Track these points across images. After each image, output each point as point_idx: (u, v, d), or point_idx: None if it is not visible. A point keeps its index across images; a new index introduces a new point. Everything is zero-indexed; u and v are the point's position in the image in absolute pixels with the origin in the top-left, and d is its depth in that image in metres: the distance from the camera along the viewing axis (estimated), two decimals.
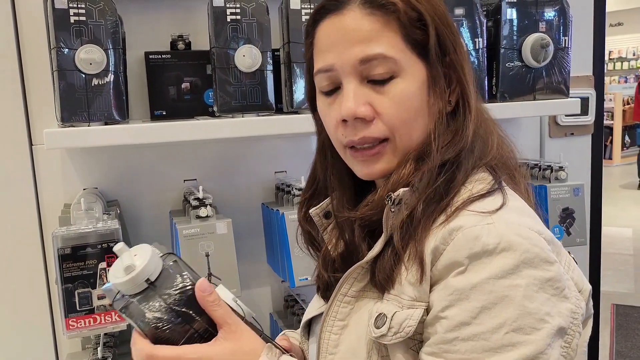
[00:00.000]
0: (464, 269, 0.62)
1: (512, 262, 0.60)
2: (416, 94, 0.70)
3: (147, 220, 1.33)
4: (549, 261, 0.62)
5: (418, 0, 0.70)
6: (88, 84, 1.06)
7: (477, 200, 0.67)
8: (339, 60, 0.70)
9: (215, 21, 1.13)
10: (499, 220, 0.63)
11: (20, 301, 1.24)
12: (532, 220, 0.66)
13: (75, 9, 1.04)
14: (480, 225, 0.63)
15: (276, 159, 1.42)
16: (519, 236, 0.61)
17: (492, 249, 0.61)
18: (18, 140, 1.21)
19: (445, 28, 0.71)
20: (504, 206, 0.66)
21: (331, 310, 0.72)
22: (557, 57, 1.37)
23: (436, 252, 0.64)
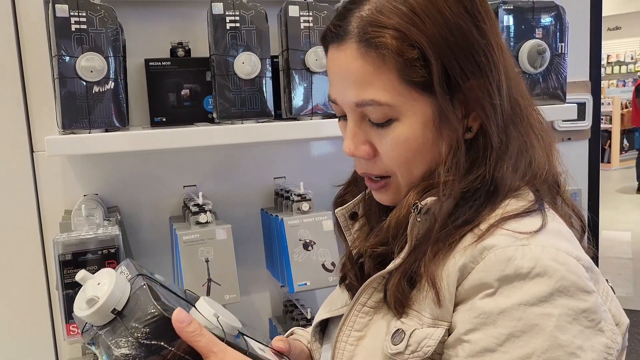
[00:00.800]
0: (493, 291, 0.58)
1: (546, 289, 0.56)
2: (417, 135, 0.65)
3: (147, 226, 1.34)
4: (586, 290, 0.58)
5: (421, 30, 0.62)
6: (89, 92, 1.07)
7: (513, 218, 0.62)
8: (339, 97, 0.69)
9: (215, 28, 1.15)
10: (536, 242, 0.59)
11: (21, 307, 1.25)
12: (571, 245, 0.62)
13: (76, 17, 1.05)
14: (514, 246, 0.59)
15: (275, 165, 1.43)
16: (555, 261, 0.57)
17: (526, 273, 0.57)
18: (19, 147, 1.21)
19: (459, 51, 0.63)
20: (543, 228, 0.61)
21: (348, 319, 0.69)
22: (554, 63, 1.38)
23: (464, 271, 0.60)
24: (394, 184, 0.70)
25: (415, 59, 0.62)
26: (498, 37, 0.67)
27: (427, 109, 0.65)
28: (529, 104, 0.71)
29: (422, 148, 0.66)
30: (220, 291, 1.15)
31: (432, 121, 0.65)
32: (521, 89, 0.70)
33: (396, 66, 0.62)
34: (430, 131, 0.65)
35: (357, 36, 0.64)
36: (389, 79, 0.63)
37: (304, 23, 1.20)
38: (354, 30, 0.64)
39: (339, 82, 0.68)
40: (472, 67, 0.64)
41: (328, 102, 0.74)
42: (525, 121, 0.69)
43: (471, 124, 0.67)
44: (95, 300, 0.60)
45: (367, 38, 0.63)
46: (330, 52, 0.68)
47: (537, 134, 0.71)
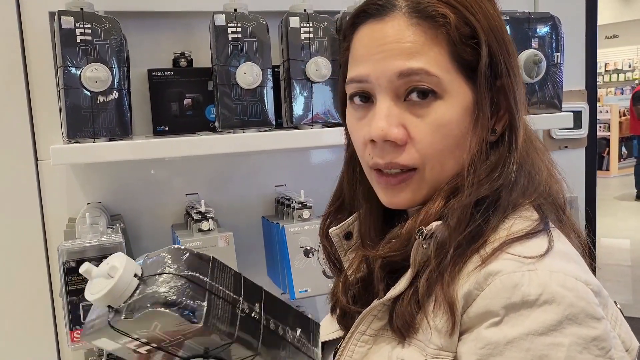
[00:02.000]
0: (499, 320, 0.55)
1: (555, 318, 0.53)
2: (458, 120, 0.62)
3: (150, 234, 1.36)
4: (595, 317, 0.55)
5: (472, 13, 0.61)
6: (93, 102, 1.09)
7: (518, 241, 0.59)
8: (375, 71, 0.63)
9: (217, 39, 1.17)
10: (543, 267, 0.56)
11: (25, 314, 1.26)
12: (578, 268, 0.59)
13: (81, 29, 1.07)
14: (520, 272, 0.56)
15: (276, 173, 1.44)
16: (563, 288, 0.55)
17: (533, 300, 0.54)
18: (24, 156, 1.23)
19: (501, 47, 0.63)
20: (549, 251, 0.58)
21: (347, 349, 0.66)
22: (550, 72, 1.40)
23: (468, 298, 0.57)
24: (417, 180, 0.64)
25: (469, 37, 0.61)
26: (513, 46, 0.67)
27: (468, 96, 0.63)
28: (529, 121, 0.69)
29: (459, 138, 0.63)
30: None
31: (471, 110, 0.63)
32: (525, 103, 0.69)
33: (449, 40, 0.61)
34: (468, 121, 0.62)
35: (408, 7, 0.62)
36: (440, 52, 0.61)
37: (304, 34, 1.22)
38: (404, 3, 0.62)
39: (379, 54, 0.62)
40: (505, 66, 0.63)
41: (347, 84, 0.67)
42: (530, 136, 0.68)
43: (495, 125, 0.65)
44: (115, 267, 0.57)
45: (421, 8, 0.61)
46: (367, 27, 0.64)
47: (537, 148, 0.69)
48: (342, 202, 0.78)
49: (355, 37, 0.66)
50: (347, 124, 0.71)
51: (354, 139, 0.69)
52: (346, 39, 0.68)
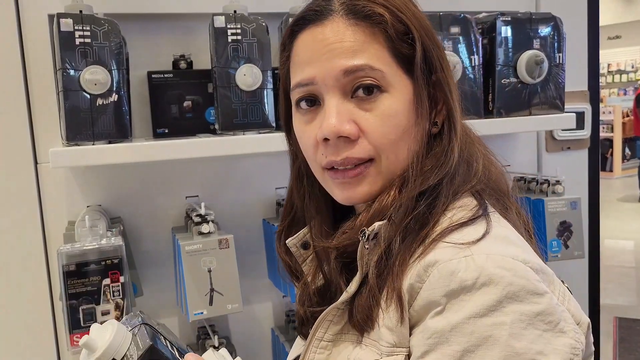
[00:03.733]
0: (441, 308, 0.56)
1: (494, 298, 0.54)
2: (404, 111, 0.65)
3: (149, 237, 1.35)
4: (537, 293, 0.55)
5: (404, 13, 0.66)
6: (93, 104, 1.08)
7: (456, 230, 0.61)
8: (320, 72, 0.65)
9: (217, 41, 1.16)
10: (478, 251, 0.57)
11: (24, 317, 1.26)
12: (517, 249, 0.59)
13: (80, 32, 1.07)
14: (456, 258, 0.57)
15: (276, 175, 1.44)
16: (501, 268, 0.55)
17: (471, 284, 0.55)
18: (23, 159, 1.23)
19: (432, 44, 0.67)
20: (486, 235, 0.60)
21: (307, 357, 0.66)
22: (552, 73, 1.40)
23: (412, 291, 0.58)
24: (374, 171, 0.66)
25: (404, 33, 0.65)
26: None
27: (409, 88, 0.66)
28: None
29: (408, 129, 0.66)
30: (223, 301, 1.16)
31: (413, 102, 0.66)
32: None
33: (387, 37, 0.65)
34: (412, 113, 0.66)
35: (344, 11, 0.65)
36: (380, 49, 0.65)
37: None
38: (340, 7, 0.66)
39: (322, 55, 0.65)
40: (439, 61, 0.67)
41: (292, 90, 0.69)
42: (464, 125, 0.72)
43: (437, 118, 0.69)
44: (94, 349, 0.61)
45: (357, 10, 0.65)
46: (307, 33, 0.67)
47: (472, 138, 0.72)
48: (294, 216, 0.80)
49: (295, 45, 0.69)
50: (295, 131, 0.72)
51: (303, 144, 0.71)
52: (286, 48, 0.71)
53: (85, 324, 1.05)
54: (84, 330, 1.05)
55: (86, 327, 1.05)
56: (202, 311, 1.15)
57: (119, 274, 1.07)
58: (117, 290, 1.07)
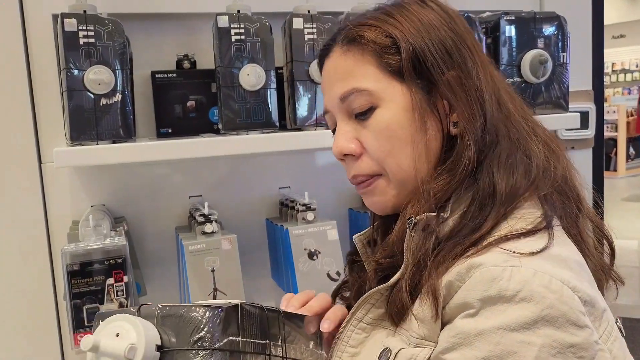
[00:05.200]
0: (474, 311, 0.55)
1: (531, 316, 0.53)
2: (398, 121, 0.67)
3: (153, 236, 1.35)
4: (577, 324, 0.53)
5: (392, 25, 0.68)
6: (96, 104, 1.08)
7: (514, 238, 0.59)
8: (328, 102, 0.73)
9: (220, 41, 1.16)
10: (528, 265, 0.55)
11: (28, 317, 1.26)
12: (571, 274, 0.57)
13: (84, 31, 1.07)
14: (502, 266, 0.56)
15: (280, 175, 1.44)
16: (546, 288, 0.54)
17: (511, 295, 0.54)
18: (28, 159, 1.23)
19: (434, 47, 0.67)
20: (543, 251, 0.58)
21: (343, 334, 0.67)
22: (556, 72, 1.39)
23: (450, 289, 0.58)
24: (382, 183, 0.70)
25: (389, 46, 0.67)
26: (473, 41, 0.70)
27: (406, 97, 0.67)
28: (524, 112, 0.71)
29: (406, 137, 0.67)
30: (226, 300, 1.16)
31: (412, 109, 0.67)
32: (511, 96, 0.71)
33: (373, 54, 0.68)
34: (412, 120, 0.67)
35: (341, 40, 0.71)
36: (368, 67, 0.68)
37: (307, 35, 1.21)
38: (340, 38, 0.71)
39: (327, 86, 0.73)
40: (445, 57, 0.67)
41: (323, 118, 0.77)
42: (520, 126, 0.69)
43: (456, 119, 0.68)
44: (134, 347, 0.52)
45: (349, 36, 0.70)
46: (323, 67, 0.75)
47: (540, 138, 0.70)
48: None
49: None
50: None
51: None
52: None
53: (89, 324, 1.06)
54: (88, 330, 1.05)
55: (90, 326, 1.06)
56: None
57: (122, 274, 1.07)
58: (120, 289, 1.07)
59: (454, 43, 0.68)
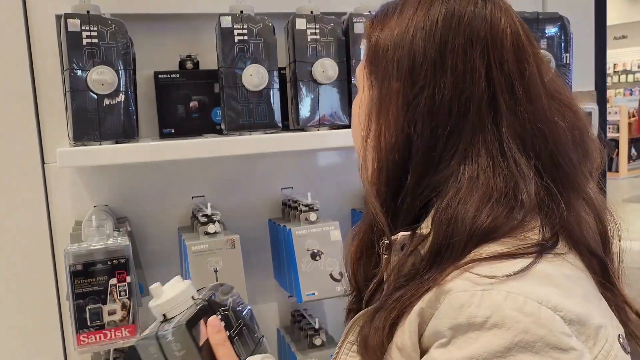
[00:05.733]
0: (446, 341, 0.53)
1: (503, 343, 0.49)
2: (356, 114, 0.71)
3: (156, 237, 1.35)
4: (559, 347, 0.50)
5: (385, 17, 0.68)
6: (100, 104, 1.09)
7: (489, 260, 0.55)
8: None
9: (223, 41, 1.16)
10: (500, 288, 0.52)
11: (31, 317, 1.26)
12: (556, 291, 0.53)
13: (87, 32, 1.07)
14: (471, 291, 0.52)
15: (283, 176, 1.44)
16: (519, 312, 0.50)
17: (481, 322, 0.51)
18: (30, 159, 1.23)
19: (401, 48, 0.64)
20: (522, 272, 0.53)
21: (339, 358, 0.65)
22: (559, 73, 1.39)
23: (423, 316, 0.56)
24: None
25: (369, 45, 0.69)
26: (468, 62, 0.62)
27: (365, 91, 0.69)
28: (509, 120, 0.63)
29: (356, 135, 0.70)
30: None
31: (366, 106, 0.68)
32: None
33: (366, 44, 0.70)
34: (365, 113, 0.68)
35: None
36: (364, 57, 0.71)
37: (310, 35, 1.21)
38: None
39: None
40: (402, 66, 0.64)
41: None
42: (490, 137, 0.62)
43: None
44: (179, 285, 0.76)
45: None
46: None
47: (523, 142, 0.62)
48: None
49: None
50: None
51: None
52: None
53: (91, 324, 1.06)
54: (91, 330, 1.05)
55: (93, 326, 1.06)
56: None
57: (125, 274, 1.07)
58: (123, 290, 1.07)
59: (425, 58, 0.63)
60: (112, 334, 1.07)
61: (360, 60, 0.77)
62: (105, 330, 1.06)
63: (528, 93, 0.63)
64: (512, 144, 0.61)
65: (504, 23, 0.64)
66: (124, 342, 1.08)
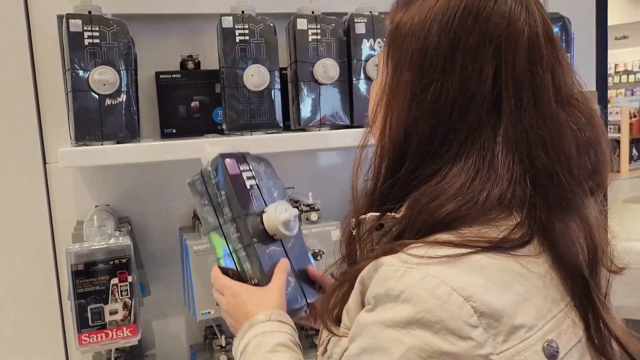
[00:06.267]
0: (370, 307, 0.58)
1: (406, 316, 0.54)
2: (374, 89, 0.72)
3: (157, 237, 1.35)
4: (457, 334, 0.53)
5: (405, 12, 0.67)
6: (101, 104, 1.09)
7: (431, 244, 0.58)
8: None
9: (224, 41, 1.16)
10: (423, 269, 0.55)
11: (33, 316, 1.26)
12: (483, 282, 0.55)
13: (89, 32, 1.07)
14: (396, 266, 0.57)
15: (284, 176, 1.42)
16: (429, 293, 0.54)
17: (396, 295, 0.55)
18: (32, 159, 1.23)
19: (417, 38, 0.64)
20: (453, 258, 0.56)
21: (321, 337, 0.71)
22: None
23: (364, 284, 0.61)
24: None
25: (390, 28, 0.69)
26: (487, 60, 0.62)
27: (383, 77, 0.70)
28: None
29: (376, 106, 0.70)
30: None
31: (380, 89, 0.69)
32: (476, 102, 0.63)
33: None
34: (378, 96, 0.69)
35: None
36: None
37: (311, 36, 1.22)
38: None
39: None
40: (415, 57, 0.64)
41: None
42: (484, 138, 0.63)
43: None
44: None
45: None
46: None
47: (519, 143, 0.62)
48: None
49: None
50: None
51: None
52: None
53: (93, 323, 1.06)
54: (92, 330, 1.06)
55: (94, 326, 1.06)
56: (210, 311, 1.15)
57: (127, 274, 1.07)
58: (125, 289, 1.07)
59: (436, 53, 0.63)
60: (114, 334, 1.07)
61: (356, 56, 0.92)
62: (106, 330, 1.07)
63: (536, 97, 0.63)
64: (505, 150, 0.61)
65: (523, 22, 0.63)
66: (125, 342, 1.08)
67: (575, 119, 0.65)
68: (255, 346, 0.77)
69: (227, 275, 0.92)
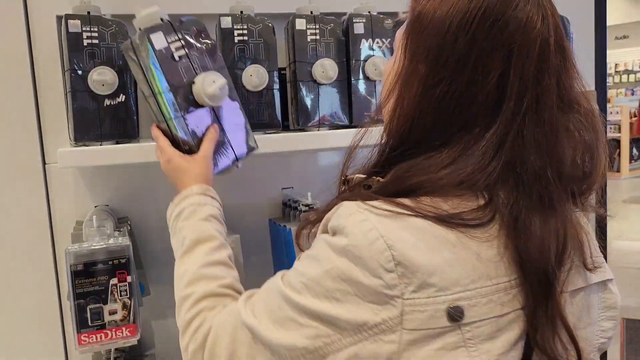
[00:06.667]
0: (328, 235, 0.68)
1: (340, 244, 0.64)
2: (387, 73, 0.77)
3: (157, 237, 1.35)
4: (370, 271, 0.62)
5: (425, 6, 0.68)
6: (100, 105, 1.09)
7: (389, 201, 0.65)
8: None
9: (223, 42, 1.17)
10: (367, 215, 0.64)
11: (32, 317, 1.26)
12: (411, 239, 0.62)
13: (88, 32, 1.08)
14: (349, 208, 0.66)
15: (283, 176, 1.44)
16: (363, 234, 0.63)
17: (340, 228, 0.65)
18: (31, 159, 1.23)
19: (417, 32, 0.69)
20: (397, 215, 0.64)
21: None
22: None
23: (327, 218, 0.70)
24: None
25: (412, 15, 0.71)
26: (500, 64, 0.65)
27: (399, 61, 0.72)
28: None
29: (386, 87, 0.75)
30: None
31: (395, 72, 0.72)
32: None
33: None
34: (392, 78, 0.72)
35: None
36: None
37: (310, 36, 1.22)
38: None
39: None
40: (431, 49, 0.67)
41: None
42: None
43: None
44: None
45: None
46: None
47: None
48: None
49: None
50: None
51: None
52: None
53: (92, 323, 1.06)
54: (92, 330, 1.06)
55: (93, 326, 1.06)
56: None
57: (126, 274, 1.08)
58: (124, 289, 1.07)
59: (452, 52, 0.65)
60: (113, 334, 1.07)
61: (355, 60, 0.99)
62: (106, 330, 1.07)
63: (539, 102, 0.65)
64: (488, 145, 0.65)
65: (537, 31, 0.65)
66: (124, 342, 1.08)
67: (576, 123, 0.68)
68: (190, 212, 0.96)
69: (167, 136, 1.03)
